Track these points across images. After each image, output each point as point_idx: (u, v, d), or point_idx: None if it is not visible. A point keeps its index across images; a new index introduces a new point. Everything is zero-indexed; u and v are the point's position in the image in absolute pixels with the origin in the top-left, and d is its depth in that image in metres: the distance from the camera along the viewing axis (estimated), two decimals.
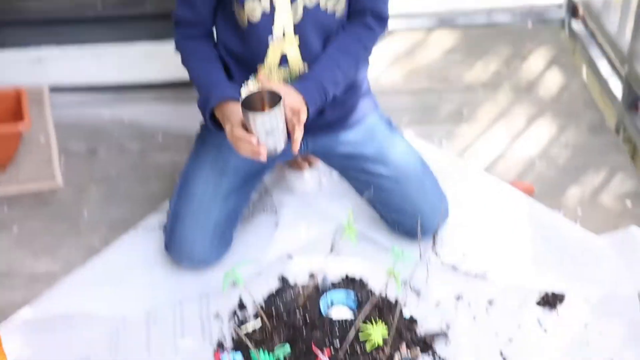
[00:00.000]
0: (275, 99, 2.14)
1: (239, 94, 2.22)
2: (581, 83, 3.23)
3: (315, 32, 2.34)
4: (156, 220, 2.60)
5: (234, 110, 2.21)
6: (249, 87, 2.24)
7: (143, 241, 2.54)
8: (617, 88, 3.14)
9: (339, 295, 2.33)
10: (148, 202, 2.70)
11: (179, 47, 2.38)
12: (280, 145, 2.19)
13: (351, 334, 2.17)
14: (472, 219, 2.63)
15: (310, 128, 2.36)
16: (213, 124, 2.30)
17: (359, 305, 2.31)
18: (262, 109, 2.15)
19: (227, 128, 2.21)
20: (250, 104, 2.14)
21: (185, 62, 2.37)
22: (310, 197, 2.68)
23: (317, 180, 2.79)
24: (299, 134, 2.19)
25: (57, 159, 2.82)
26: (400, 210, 2.50)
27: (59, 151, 2.85)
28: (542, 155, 2.92)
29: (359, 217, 2.58)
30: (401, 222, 2.52)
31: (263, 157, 2.16)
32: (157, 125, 2.98)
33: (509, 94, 3.19)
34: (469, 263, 2.51)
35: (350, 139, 2.51)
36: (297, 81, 2.33)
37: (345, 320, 2.23)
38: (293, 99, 2.24)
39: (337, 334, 2.21)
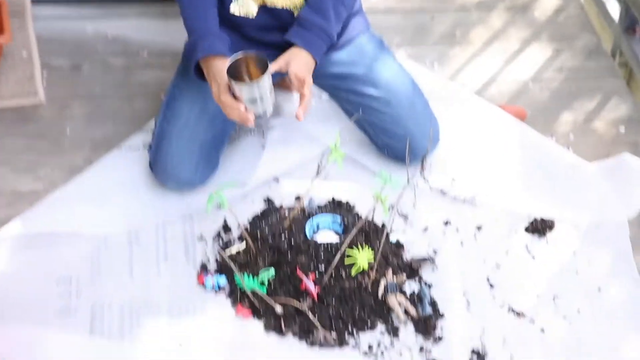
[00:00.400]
0: (262, 63, 2.09)
1: (227, 49, 2.18)
2: (578, 5, 3.15)
3: None
4: (140, 139, 2.55)
5: (221, 70, 2.15)
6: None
7: (127, 161, 2.49)
8: (614, 10, 3.06)
9: (325, 219, 2.30)
10: (132, 120, 2.64)
11: None
12: (269, 109, 2.16)
13: (336, 258, 2.14)
14: (462, 144, 2.59)
15: None
16: (197, 74, 2.25)
17: (345, 229, 2.28)
18: (249, 73, 2.12)
19: (214, 89, 2.17)
20: (236, 70, 2.10)
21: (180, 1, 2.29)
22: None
23: None
24: (307, 101, 2.17)
25: (39, 75, 2.75)
26: (390, 133, 2.45)
27: (41, 66, 2.78)
28: (535, 79, 2.87)
29: (348, 140, 2.53)
30: (391, 145, 2.47)
31: (251, 124, 2.15)
32: (143, 41, 2.90)
33: (503, 15, 3.11)
34: (458, 188, 2.47)
35: (341, 58, 2.44)
36: (298, 30, 2.26)
37: (331, 244, 2.20)
38: (298, 66, 2.21)
39: (322, 258, 2.18)
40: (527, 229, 2.37)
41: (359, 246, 2.15)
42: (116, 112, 2.68)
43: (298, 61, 2.22)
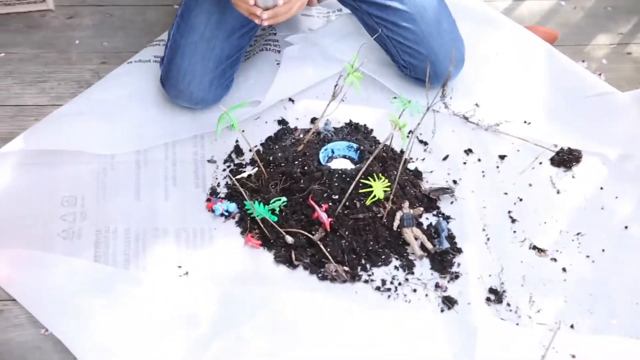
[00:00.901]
0: None
1: None
2: None
3: None
4: (152, 53, 2.44)
5: None
6: None
7: (137, 76, 2.38)
8: None
9: (341, 146, 2.20)
10: (144, 32, 2.52)
11: None
12: (279, 1, 2.06)
13: (351, 186, 2.04)
14: (488, 68, 2.47)
15: None
16: None
17: (361, 156, 2.18)
18: None
19: None
20: None
21: None
22: (317, 36, 2.49)
23: (325, 16, 2.60)
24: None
25: None
26: (413, 52, 2.33)
27: None
28: None
29: (368, 59, 2.40)
30: (413, 65, 2.35)
31: (258, 20, 2.06)
32: None
33: None
34: (481, 114, 2.36)
35: None
36: None
37: (345, 172, 2.10)
38: None
39: (337, 186, 2.09)
40: (552, 161, 2.27)
41: (375, 175, 2.05)
42: (127, 23, 2.57)
43: None
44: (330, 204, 2.07)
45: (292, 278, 2.01)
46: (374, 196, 2.02)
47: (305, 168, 2.12)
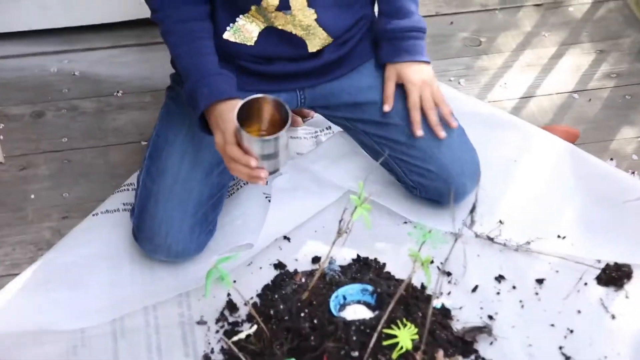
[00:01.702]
0: (280, 109, 1.70)
1: (234, 88, 1.81)
2: None
3: None
4: (120, 201, 2.11)
5: (227, 116, 1.76)
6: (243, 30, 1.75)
7: (105, 230, 2.05)
8: None
9: (353, 290, 1.85)
10: (109, 176, 2.20)
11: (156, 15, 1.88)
12: (282, 166, 1.77)
13: (373, 339, 1.70)
14: (506, 178, 2.16)
15: (307, 73, 1.98)
16: (203, 128, 1.85)
17: (379, 301, 1.84)
18: (261, 118, 1.73)
19: (218, 138, 1.79)
20: (246, 113, 1.70)
21: (165, 35, 1.88)
22: (308, 161, 2.17)
23: (313, 137, 2.29)
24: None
25: None
26: (422, 171, 2.03)
27: None
28: (581, 90, 2.43)
29: (369, 181, 2.07)
30: (424, 185, 2.04)
31: (262, 182, 1.76)
32: (117, 78, 2.46)
33: (533, 13, 2.67)
34: (508, 233, 2.04)
35: (356, 83, 2.03)
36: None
37: (364, 322, 1.76)
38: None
39: (355, 340, 1.74)
40: (599, 280, 1.94)
41: (399, 322, 1.72)
42: (88, 168, 2.24)
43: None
44: None
45: None
46: (401, 347, 1.67)
47: (315, 321, 1.78)
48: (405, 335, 1.67)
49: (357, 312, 1.82)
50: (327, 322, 1.77)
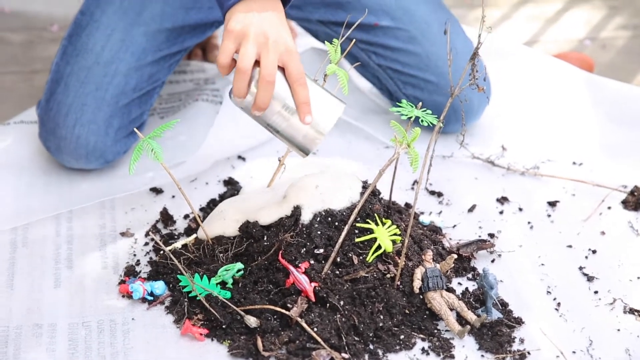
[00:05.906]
0: None
1: None
2: None
3: None
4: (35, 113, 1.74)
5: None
6: None
7: (16, 140, 1.69)
8: None
9: None
10: (33, 99, 1.84)
11: None
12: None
13: (343, 233, 1.31)
14: (513, 103, 1.83)
15: None
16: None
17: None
18: None
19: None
20: None
21: None
22: None
23: None
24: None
25: None
26: (419, 82, 1.69)
27: None
28: (593, 38, 2.11)
29: (349, 104, 1.70)
30: (421, 100, 1.66)
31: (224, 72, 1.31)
32: (53, 15, 2.13)
33: None
34: (512, 158, 1.67)
35: None
36: None
37: (331, 213, 1.38)
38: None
39: (320, 235, 1.35)
40: (626, 203, 1.56)
41: (377, 217, 1.34)
42: (11, 90, 1.88)
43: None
44: (312, 262, 1.32)
45: None
46: (379, 246, 1.28)
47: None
48: (384, 233, 1.29)
49: None
50: (284, 216, 1.38)
